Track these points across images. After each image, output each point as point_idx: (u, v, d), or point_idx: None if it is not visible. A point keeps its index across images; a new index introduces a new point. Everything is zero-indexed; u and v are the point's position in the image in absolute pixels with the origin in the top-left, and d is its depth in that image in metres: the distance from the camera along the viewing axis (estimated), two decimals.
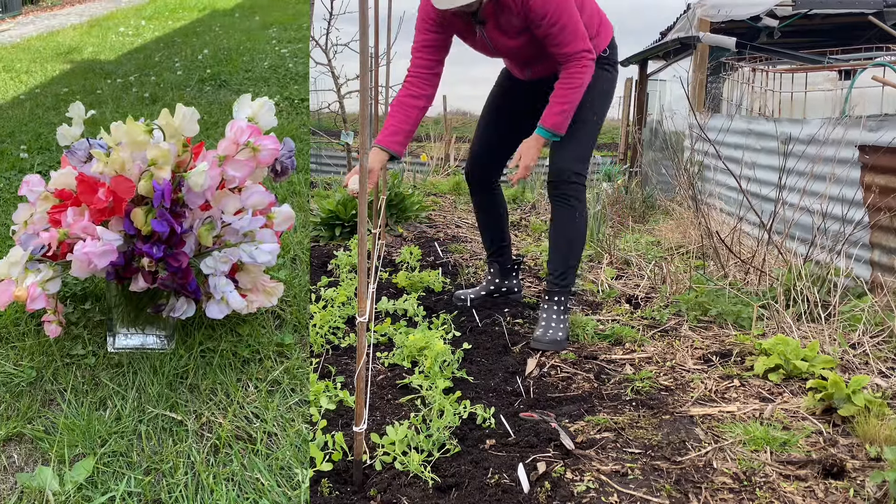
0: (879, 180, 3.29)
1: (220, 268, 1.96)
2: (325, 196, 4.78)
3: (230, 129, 2.03)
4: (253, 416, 1.78)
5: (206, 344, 2.08)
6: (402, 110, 2.56)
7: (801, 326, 2.64)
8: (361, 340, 1.49)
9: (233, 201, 1.99)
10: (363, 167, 1.41)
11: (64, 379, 1.89)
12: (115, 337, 2.05)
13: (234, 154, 1.99)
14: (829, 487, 1.57)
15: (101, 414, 1.77)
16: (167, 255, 1.89)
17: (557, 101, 2.44)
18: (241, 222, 1.98)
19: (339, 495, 1.52)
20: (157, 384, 1.88)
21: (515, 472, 1.59)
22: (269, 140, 2.03)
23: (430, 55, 2.57)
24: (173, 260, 1.89)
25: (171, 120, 1.95)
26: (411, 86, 2.58)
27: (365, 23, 1.31)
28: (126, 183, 1.86)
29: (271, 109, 2.08)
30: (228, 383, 1.90)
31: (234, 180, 1.99)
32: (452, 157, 10.12)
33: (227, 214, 1.99)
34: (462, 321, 2.79)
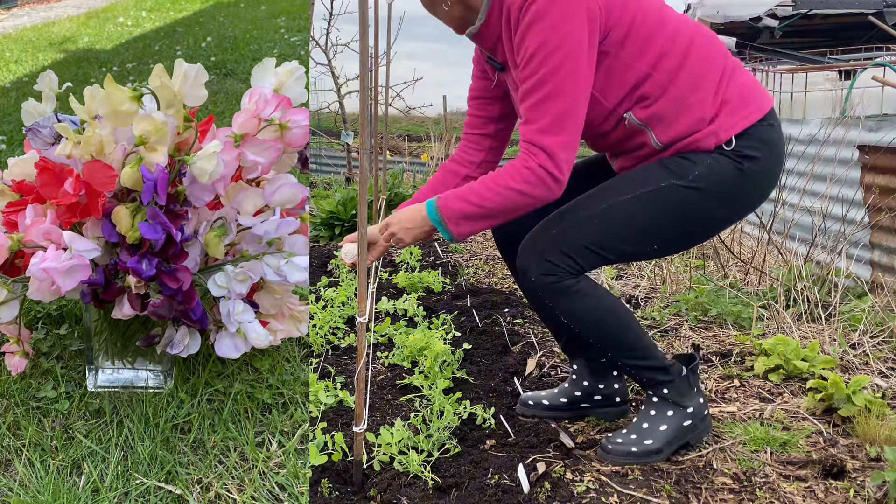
0: (879, 180, 3.29)
1: (236, 288, 1.53)
2: (324, 196, 4.78)
3: (248, 98, 1.57)
4: (278, 489, 1.39)
5: (215, 384, 1.69)
6: (441, 174, 1.92)
7: (801, 327, 2.64)
8: (361, 341, 1.49)
9: (253, 197, 1.57)
10: (363, 168, 1.41)
11: (26, 432, 1.47)
12: (97, 372, 1.66)
13: (255, 132, 1.55)
14: (830, 488, 1.57)
15: (73, 482, 1.34)
16: (162, 271, 1.46)
17: (470, 190, 1.58)
18: (264, 226, 1.54)
19: (339, 495, 1.52)
20: (150, 440, 1.47)
21: (515, 472, 1.59)
22: (300, 115, 1.58)
23: (479, 109, 1.88)
24: (170, 279, 1.47)
25: (168, 81, 1.45)
26: (460, 149, 1.93)
27: (365, 23, 1.31)
28: (104, 171, 1.41)
29: (301, 79, 1.61)
30: (244, 440, 1.50)
31: (256, 168, 1.56)
32: None
33: (244, 215, 1.57)
34: (462, 321, 2.79)
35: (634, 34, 1.54)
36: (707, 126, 1.56)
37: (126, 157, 1.46)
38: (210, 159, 1.42)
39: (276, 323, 1.70)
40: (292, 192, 1.58)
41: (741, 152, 1.56)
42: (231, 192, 1.57)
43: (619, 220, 1.59)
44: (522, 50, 1.51)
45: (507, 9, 1.55)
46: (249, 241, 1.59)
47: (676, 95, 1.56)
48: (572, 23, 1.47)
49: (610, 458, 1.64)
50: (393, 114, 7.49)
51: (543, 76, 1.48)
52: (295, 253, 1.59)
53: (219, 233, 1.54)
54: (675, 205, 1.57)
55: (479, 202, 1.55)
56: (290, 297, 1.71)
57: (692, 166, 1.56)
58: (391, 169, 6.17)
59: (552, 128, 1.49)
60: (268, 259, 1.56)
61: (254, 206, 1.58)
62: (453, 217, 1.57)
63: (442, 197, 1.59)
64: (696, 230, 1.67)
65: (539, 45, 1.48)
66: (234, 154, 1.51)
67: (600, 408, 1.88)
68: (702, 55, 1.58)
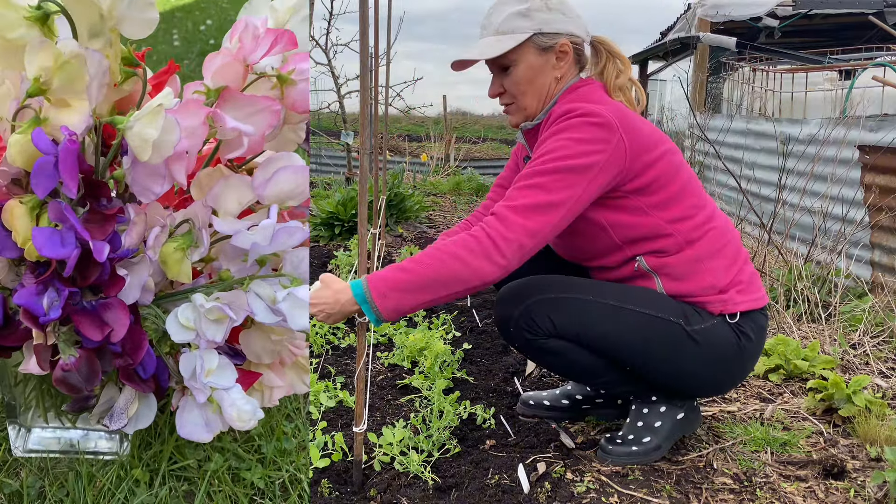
0: (880, 180, 3.29)
1: (207, 332, 1.09)
2: (324, 196, 4.78)
3: (231, 36, 1.13)
4: None
5: (186, 455, 1.25)
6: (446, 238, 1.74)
7: (801, 327, 2.64)
8: (361, 341, 1.49)
9: (237, 188, 1.11)
10: (363, 168, 1.41)
11: None
12: (27, 433, 1.22)
13: (241, 85, 1.10)
14: (830, 488, 1.57)
15: None
16: (78, 310, 0.99)
17: (407, 260, 1.45)
18: (252, 234, 1.07)
19: (339, 496, 1.52)
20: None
21: (515, 472, 1.59)
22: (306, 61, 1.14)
23: (499, 198, 1.78)
24: (90, 324, 0.99)
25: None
26: (467, 222, 1.89)
27: (366, 22, 1.31)
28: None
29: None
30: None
31: (241, 143, 1.10)
32: (452, 157, 10.12)
33: (224, 216, 1.12)
34: (462, 321, 2.79)
35: (655, 189, 1.56)
36: (717, 294, 1.59)
37: (15, 115, 0.93)
38: (153, 120, 0.95)
39: (273, 376, 1.23)
40: (295, 180, 1.10)
41: (741, 328, 1.60)
42: (205, 180, 1.12)
43: (620, 326, 1.56)
44: (543, 147, 1.51)
45: (552, 112, 1.58)
46: (231, 257, 1.13)
47: (692, 257, 1.59)
48: (595, 148, 1.48)
49: (610, 459, 1.64)
50: (393, 114, 7.49)
51: (544, 170, 1.47)
52: (298, 278, 1.12)
53: (182, 244, 1.08)
54: (671, 343, 1.57)
55: (414, 268, 1.41)
56: (294, 336, 1.25)
57: (699, 319, 1.58)
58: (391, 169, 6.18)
59: (523, 209, 1.44)
60: (257, 287, 1.09)
61: (238, 203, 1.12)
62: (381, 288, 1.40)
63: (373, 274, 1.44)
64: (678, 373, 1.62)
65: (556, 148, 1.48)
66: (201, 117, 1.03)
67: (601, 408, 1.88)
68: (721, 233, 1.63)
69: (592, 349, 1.59)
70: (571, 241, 1.66)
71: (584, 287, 1.60)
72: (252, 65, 1.12)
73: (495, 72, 1.66)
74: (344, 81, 7.19)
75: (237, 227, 1.11)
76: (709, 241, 1.60)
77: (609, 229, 1.59)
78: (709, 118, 4.75)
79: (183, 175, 1.10)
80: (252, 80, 1.14)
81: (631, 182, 1.55)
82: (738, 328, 1.60)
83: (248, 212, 1.20)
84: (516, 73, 1.62)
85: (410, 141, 12.20)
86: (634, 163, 1.53)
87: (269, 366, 1.27)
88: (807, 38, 8.00)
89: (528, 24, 1.59)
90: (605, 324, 1.56)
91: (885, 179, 3.26)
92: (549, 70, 1.62)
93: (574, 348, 1.59)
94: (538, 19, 1.59)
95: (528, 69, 1.62)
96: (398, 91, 7.66)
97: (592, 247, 1.62)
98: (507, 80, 1.64)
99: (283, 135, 1.22)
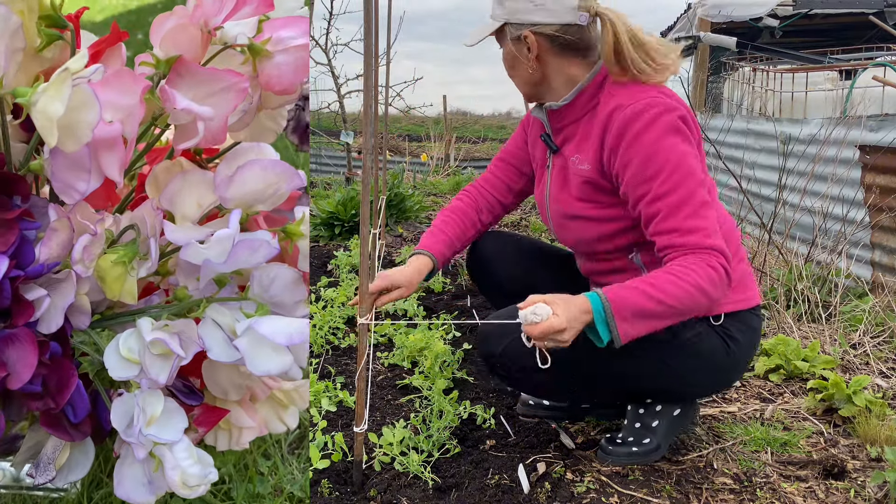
0: (880, 180, 3.28)
1: (151, 370, 0.87)
2: (324, 196, 4.78)
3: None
4: None
5: None
6: (459, 219, 1.83)
7: (801, 327, 2.64)
8: (362, 341, 1.49)
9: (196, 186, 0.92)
10: (366, 168, 1.41)
11: None
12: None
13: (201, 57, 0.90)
14: (830, 488, 1.57)
15: None
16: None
17: (646, 284, 1.40)
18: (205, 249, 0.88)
19: (339, 496, 1.52)
20: None
21: (515, 472, 1.59)
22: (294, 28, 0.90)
23: (505, 174, 1.85)
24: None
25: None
26: (475, 200, 1.86)
27: (370, 22, 1.31)
28: None
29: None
30: None
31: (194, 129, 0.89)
32: (452, 157, 10.12)
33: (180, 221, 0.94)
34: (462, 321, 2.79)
35: None
36: None
37: None
38: (59, 91, 0.74)
39: (242, 414, 1.02)
40: (265, 179, 0.88)
41: (728, 331, 1.57)
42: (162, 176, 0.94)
43: (604, 349, 1.45)
44: (650, 161, 1.45)
45: (611, 112, 1.51)
46: (187, 272, 0.94)
47: None
48: (685, 135, 1.48)
49: (611, 460, 1.64)
50: (393, 113, 7.49)
51: (689, 193, 1.44)
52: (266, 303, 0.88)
53: (123, 255, 0.87)
54: (661, 358, 1.54)
55: (660, 296, 1.37)
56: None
57: (683, 329, 1.53)
58: (391, 169, 6.18)
59: (717, 233, 1.44)
60: (215, 313, 0.89)
61: (197, 206, 0.94)
62: (624, 312, 1.36)
63: (609, 289, 1.39)
64: (670, 385, 1.61)
65: (668, 160, 1.44)
66: (137, 92, 0.82)
67: (601, 408, 1.88)
68: (728, 232, 1.58)
69: (581, 374, 1.57)
70: (581, 232, 1.64)
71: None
72: (214, 30, 0.88)
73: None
74: (344, 81, 7.20)
75: (188, 236, 0.91)
76: None
77: (624, 221, 1.56)
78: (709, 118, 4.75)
79: (116, 169, 0.88)
80: (215, 51, 0.92)
81: None
82: (724, 332, 1.57)
83: (214, 218, 1.00)
84: (503, 56, 1.65)
85: (410, 141, 12.20)
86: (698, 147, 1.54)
87: (239, 402, 1.04)
88: (807, 38, 8.00)
89: (500, 13, 1.59)
90: (590, 351, 1.47)
91: (886, 179, 3.26)
92: (523, 60, 1.59)
93: (562, 377, 1.56)
94: (508, 8, 1.57)
95: (508, 55, 1.63)
96: (398, 91, 7.67)
97: (607, 241, 1.60)
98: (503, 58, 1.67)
99: (258, 122, 1.00)
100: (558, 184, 1.66)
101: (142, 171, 1.11)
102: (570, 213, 1.63)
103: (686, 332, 1.54)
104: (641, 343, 1.45)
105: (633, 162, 1.47)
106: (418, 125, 14.08)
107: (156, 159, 1.05)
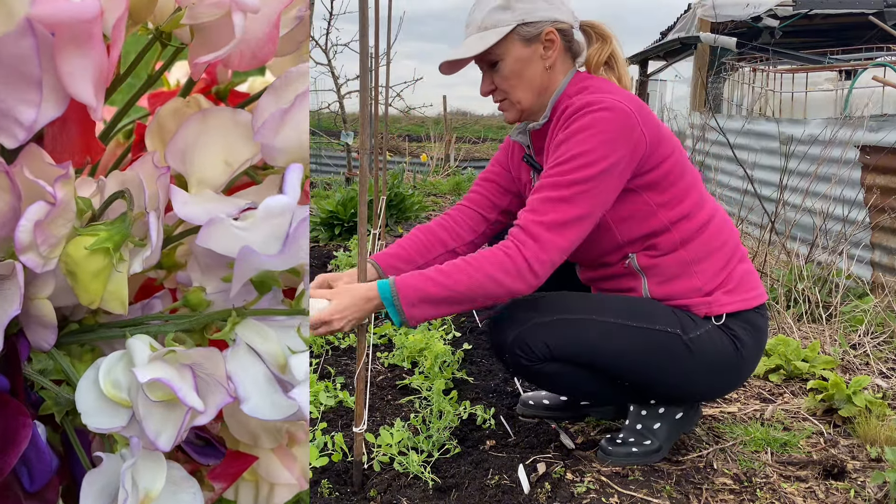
0: (880, 181, 3.28)
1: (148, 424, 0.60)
2: (324, 196, 4.78)
3: None
4: None
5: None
6: (424, 237, 1.77)
7: (801, 327, 2.64)
8: (362, 341, 1.49)
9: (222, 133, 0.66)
10: (363, 168, 1.41)
11: None
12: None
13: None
14: (830, 488, 1.56)
15: None
16: None
17: (436, 270, 1.44)
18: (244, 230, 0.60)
19: (339, 496, 1.52)
20: None
21: (515, 472, 1.59)
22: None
23: (489, 192, 1.81)
24: None
25: None
26: (452, 221, 1.80)
27: (365, 22, 1.30)
28: None
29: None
30: None
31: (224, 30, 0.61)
32: (452, 157, 10.11)
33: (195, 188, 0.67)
34: (462, 321, 2.79)
35: (665, 186, 1.54)
36: (701, 297, 1.57)
37: None
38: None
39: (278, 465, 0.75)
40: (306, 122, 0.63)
41: (733, 330, 1.56)
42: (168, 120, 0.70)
43: (617, 344, 1.53)
44: (563, 148, 1.46)
45: (564, 109, 1.52)
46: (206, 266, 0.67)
47: (684, 258, 1.56)
48: (618, 145, 1.45)
49: (611, 460, 1.64)
50: (393, 114, 7.49)
51: (572, 180, 1.44)
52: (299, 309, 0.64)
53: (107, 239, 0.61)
54: (670, 355, 1.54)
55: (445, 282, 1.41)
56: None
57: (693, 326, 1.55)
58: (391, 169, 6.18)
59: (556, 227, 1.43)
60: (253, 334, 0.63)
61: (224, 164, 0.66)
62: (410, 296, 1.41)
63: (401, 276, 1.44)
64: (678, 384, 1.61)
65: (580, 153, 1.44)
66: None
67: (601, 407, 1.87)
68: (718, 233, 1.59)
69: (590, 369, 1.58)
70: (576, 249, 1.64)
71: (578, 305, 1.56)
72: None
73: (485, 69, 1.62)
74: (344, 81, 7.21)
75: (209, 210, 0.62)
76: (704, 242, 1.57)
77: (614, 228, 1.57)
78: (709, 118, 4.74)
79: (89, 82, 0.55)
80: None
81: (644, 176, 1.52)
82: (728, 331, 1.56)
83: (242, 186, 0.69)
84: (504, 68, 1.58)
85: (410, 141, 12.20)
86: (651, 156, 1.51)
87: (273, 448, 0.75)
88: (807, 38, 7.99)
89: (510, 16, 1.55)
90: (601, 343, 1.53)
91: (886, 180, 3.25)
92: (538, 60, 1.57)
93: (571, 369, 1.57)
94: (520, 10, 1.55)
95: (516, 62, 1.57)
96: (398, 91, 7.67)
97: (592, 246, 1.60)
98: (497, 76, 1.60)
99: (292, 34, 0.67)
100: None
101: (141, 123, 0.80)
102: None
103: (695, 327, 1.55)
104: (651, 337, 1.48)
105: (563, 143, 1.48)
106: (418, 125, 14.09)
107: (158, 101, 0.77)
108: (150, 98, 0.81)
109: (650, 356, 1.54)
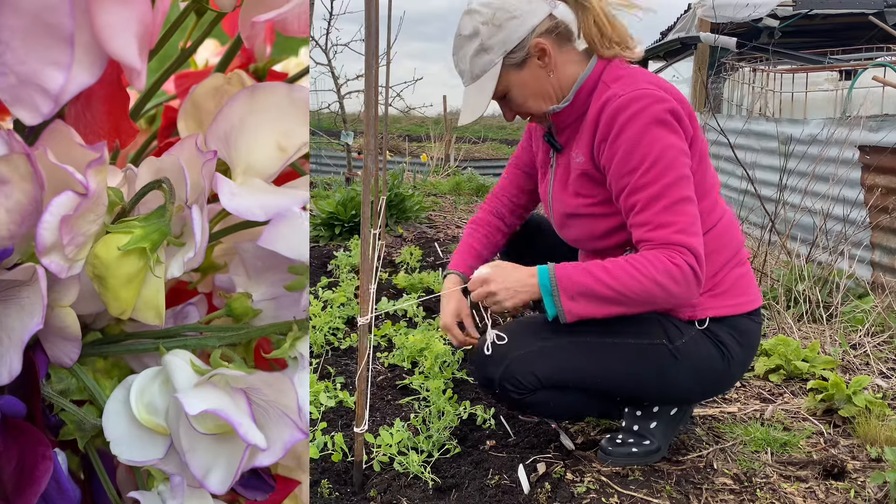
0: (881, 181, 3.28)
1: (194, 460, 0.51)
2: (324, 196, 4.78)
3: None
4: None
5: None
6: (484, 231, 1.88)
7: (801, 327, 2.64)
8: (363, 342, 1.49)
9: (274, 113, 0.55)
10: (367, 168, 1.41)
11: None
12: None
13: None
14: (830, 488, 1.57)
15: None
16: None
17: (598, 267, 1.43)
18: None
19: (339, 496, 1.52)
20: None
21: (515, 472, 1.59)
22: None
23: (517, 178, 1.90)
24: None
25: None
26: (497, 209, 1.92)
27: (370, 23, 1.31)
28: None
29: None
30: None
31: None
32: (452, 158, 10.11)
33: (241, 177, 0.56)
34: None
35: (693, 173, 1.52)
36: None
37: None
38: None
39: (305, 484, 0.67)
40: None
41: (718, 336, 1.55)
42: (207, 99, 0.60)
43: (604, 363, 1.53)
44: (634, 152, 1.44)
45: (603, 103, 1.49)
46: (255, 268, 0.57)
47: None
48: (675, 128, 1.45)
49: (611, 460, 1.64)
50: (393, 114, 7.50)
51: (669, 183, 1.42)
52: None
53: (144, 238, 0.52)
54: (658, 366, 1.54)
55: (610, 282, 1.40)
56: None
57: (678, 334, 1.54)
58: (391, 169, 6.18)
59: (691, 230, 1.42)
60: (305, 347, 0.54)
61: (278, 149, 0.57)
62: (570, 289, 1.41)
63: (560, 265, 1.44)
64: (668, 391, 1.62)
65: (654, 153, 1.43)
66: None
67: None
68: (721, 235, 1.58)
69: (581, 390, 1.58)
70: (580, 230, 1.64)
71: (561, 328, 1.51)
72: None
73: (498, 102, 1.64)
74: (344, 82, 7.20)
75: (275, 203, 0.53)
76: (707, 242, 1.54)
77: (618, 217, 1.55)
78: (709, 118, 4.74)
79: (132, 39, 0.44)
80: None
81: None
82: (713, 336, 1.55)
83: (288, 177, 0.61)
84: (515, 97, 1.59)
85: (410, 141, 12.20)
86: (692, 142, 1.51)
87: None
88: (807, 38, 7.99)
89: (492, 56, 1.54)
90: (589, 364, 1.53)
91: (886, 180, 3.25)
92: (540, 72, 1.57)
93: (561, 394, 1.58)
94: (497, 44, 1.53)
95: (521, 87, 1.58)
96: (398, 91, 7.67)
97: (596, 234, 1.59)
98: (512, 104, 1.62)
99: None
100: (561, 183, 1.66)
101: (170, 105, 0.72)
102: (568, 211, 1.63)
103: (680, 334, 1.54)
104: (637, 350, 1.50)
105: (617, 154, 1.46)
106: (418, 125, 14.08)
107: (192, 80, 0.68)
108: (177, 79, 0.73)
109: (638, 368, 1.54)
